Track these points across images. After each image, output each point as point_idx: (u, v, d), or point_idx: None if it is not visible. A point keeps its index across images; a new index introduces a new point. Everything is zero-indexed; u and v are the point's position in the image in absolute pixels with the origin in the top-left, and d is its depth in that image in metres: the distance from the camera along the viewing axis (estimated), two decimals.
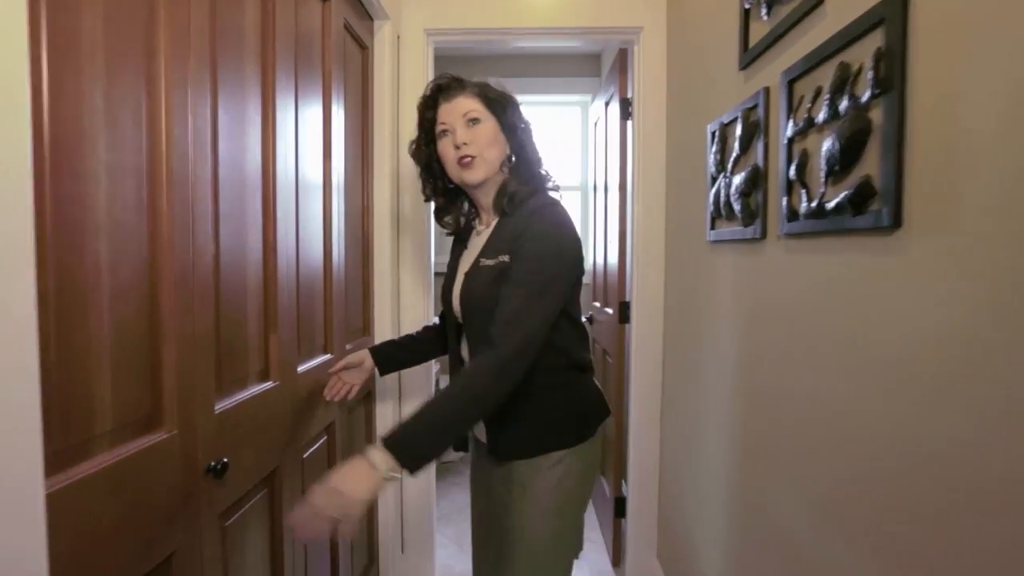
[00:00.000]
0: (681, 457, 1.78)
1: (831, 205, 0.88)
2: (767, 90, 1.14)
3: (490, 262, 1.07)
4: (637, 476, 2.07)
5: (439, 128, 1.13)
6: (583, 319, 1.21)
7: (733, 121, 1.31)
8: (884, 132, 0.75)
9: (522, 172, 1.15)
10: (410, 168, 1.81)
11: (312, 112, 1.32)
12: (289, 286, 1.18)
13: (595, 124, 2.80)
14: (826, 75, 0.91)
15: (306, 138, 1.28)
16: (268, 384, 1.10)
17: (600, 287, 2.63)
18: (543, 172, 1.18)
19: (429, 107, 1.16)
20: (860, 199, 0.81)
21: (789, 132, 1.02)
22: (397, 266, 1.97)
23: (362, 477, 0.88)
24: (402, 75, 1.95)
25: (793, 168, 1.00)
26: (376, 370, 1.33)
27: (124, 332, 0.71)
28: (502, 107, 1.13)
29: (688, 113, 1.72)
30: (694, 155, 1.64)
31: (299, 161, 1.23)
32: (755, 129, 1.19)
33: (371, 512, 1.85)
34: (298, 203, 1.22)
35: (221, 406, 0.93)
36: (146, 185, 0.75)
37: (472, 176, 1.10)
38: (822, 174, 0.91)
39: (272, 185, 1.10)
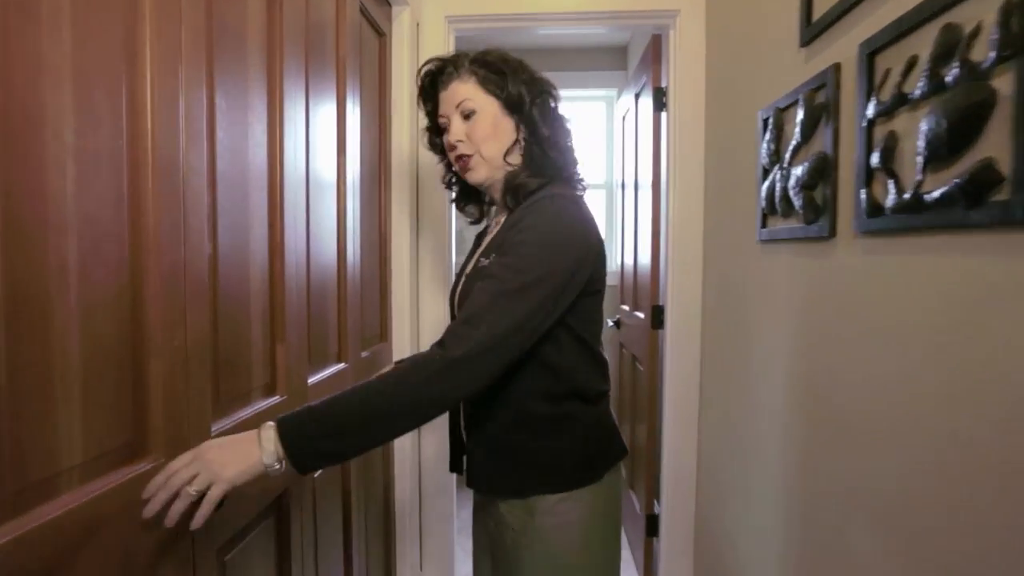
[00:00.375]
0: (722, 472, 1.63)
1: (933, 196, 0.73)
2: (837, 67, 1.00)
3: (486, 262, 0.92)
4: (671, 491, 1.93)
5: (440, 121, 1.01)
6: (610, 323, 1.06)
7: (792, 105, 1.17)
8: (1018, 101, 0.61)
9: (536, 158, 0.97)
10: (430, 164, 1.70)
11: (324, 101, 1.21)
12: (299, 289, 1.07)
13: (623, 118, 2.66)
14: (924, 42, 0.77)
15: (317, 129, 1.17)
16: (274, 399, 1.00)
17: (629, 290, 2.49)
18: (567, 153, 1.00)
19: (428, 99, 1.03)
20: (977, 188, 0.66)
21: (870, 112, 0.88)
22: (416, 268, 1.86)
23: (242, 454, 0.71)
24: None
25: (876, 155, 0.86)
26: None
27: (98, 345, 0.60)
28: (501, 83, 0.95)
29: (732, 101, 1.58)
30: (740, 146, 1.50)
31: (310, 154, 1.12)
32: (821, 112, 1.05)
33: (389, 525, 1.74)
34: (309, 199, 1.11)
35: (218, 427, 0.82)
36: (126, 175, 0.64)
37: (472, 177, 0.98)
38: (920, 159, 0.76)
39: (280, 179, 0.99)
